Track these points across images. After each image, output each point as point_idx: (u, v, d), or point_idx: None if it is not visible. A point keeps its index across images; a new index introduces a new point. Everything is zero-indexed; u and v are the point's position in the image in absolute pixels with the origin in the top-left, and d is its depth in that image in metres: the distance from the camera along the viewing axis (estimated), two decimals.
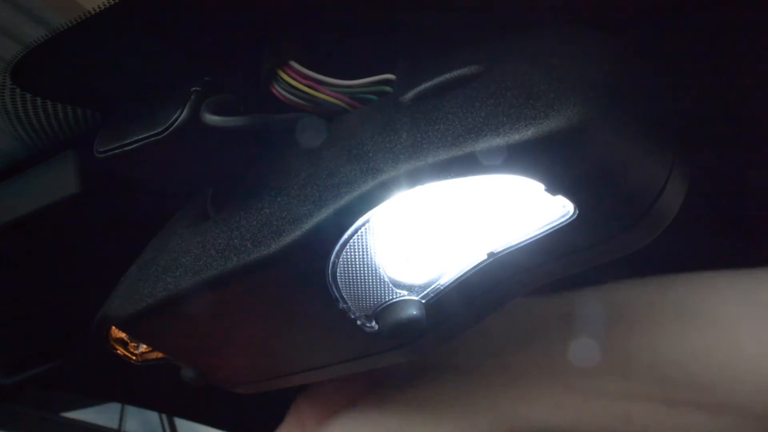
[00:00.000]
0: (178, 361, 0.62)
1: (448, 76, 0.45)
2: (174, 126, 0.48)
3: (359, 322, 0.50)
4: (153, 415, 1.54)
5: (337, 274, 0.47)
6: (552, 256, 0.47)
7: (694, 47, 0.50)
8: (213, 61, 0.52)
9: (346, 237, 0.45)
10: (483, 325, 0.52)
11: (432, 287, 0.49)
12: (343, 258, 0.46)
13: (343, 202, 0.44)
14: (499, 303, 0.51)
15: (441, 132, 0.42)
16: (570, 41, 0.45)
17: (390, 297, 0.49)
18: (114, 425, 1.43)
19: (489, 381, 0.63)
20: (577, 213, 0.42)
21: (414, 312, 0.48)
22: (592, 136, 0.39)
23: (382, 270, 0.48)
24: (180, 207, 0.59)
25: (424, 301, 0.49)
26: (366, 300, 0.49)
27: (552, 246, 0.45)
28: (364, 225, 0.45)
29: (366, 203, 0.44)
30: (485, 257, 0.47)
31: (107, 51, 0.52)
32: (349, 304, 0.49)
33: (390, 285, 0.48)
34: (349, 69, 0.50)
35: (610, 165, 0.40)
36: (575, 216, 0.42)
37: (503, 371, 0.62)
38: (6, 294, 0.73)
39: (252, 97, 0.51)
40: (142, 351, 0.64)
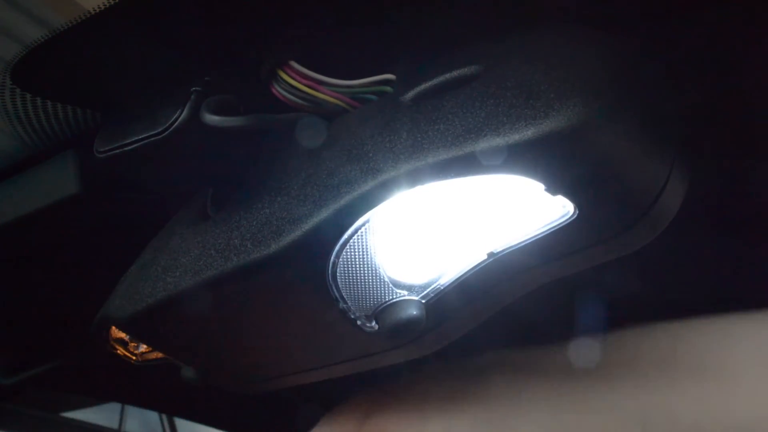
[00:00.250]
0: (178, 361, 0.62)
1: (448, 76, 0.45)
2: (174, 126, 0.48)
3: (359, 322, 0.50)
4: (153, 415, 1.54)
5: (337, 274, 0.47)
6: (552, 256, 0.47)
7: (694, 47, 0.50)
8: (213, 61, 0.52)
9: (346, 237, 0.45)
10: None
11: (432, 287, 0.49)
12: (343, 258, 0.46)
13: (343, 202, 0.44)
14: (499, 303, 0.51)
15: (441, 132, 0.42)
16: (570, 41, 0.45)
17: (390, 297, 0.49)
18: (114, 425, 1.43)
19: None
20: (577, 213, 0.42)
21: (414, 312, 0.48)
22: (592, 136, 0.39)
23: (382, 270, 0.48)
24: (180, 207, 0.59)
25: (424, 301, 0.49)
26: (366, 300, 0.49)
27: (552, 246, 0.45)
28: (364, 225, 0.45)
29: (366, 203, 0.44)
30: (485, 257, 0.47)
31: (107, 51, 0.52)
32: (349, 304, 0.49)
33: (390, 285, 0.48)
34: (349, 69, 0.50)
35: (610, 165, 0.40)
36: (575, 216, 0.42)
37: None
38: (6, 294, 0.73)
39: (252, 97, 0.51)
40: (142, 351, 0.64)
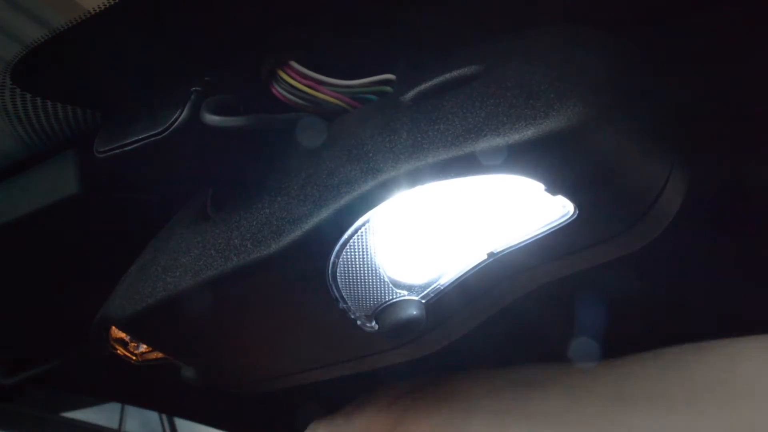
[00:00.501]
0: (178, 361, 0.62)
1: (448, 76, 0.45)
2: (174, 126, 0.48)
3: (359, 322, 0.50)
4: (153, 415, 1.54)
5: (337, 274, 0.47)
6: (552, 256, 0.47)
7: (694, 47, 0.50)
8: (213, 61, 0.52)
9: (346, 237, 0.45)
10: None
11: (432, 287, 0.49)
12: (343, 258, 0.46)
13: (343, 202, 0.44)
14: (499, 303, 0.51)
15: (441, 132, 0.42)
16: (570, 41, 0.45)
17: (390, 297, 0.49)
18: (114, 425, 1.43)
19: None
20: (577, 213, 0.42)
21: (414, 312, 0.48)
22: (592, 136, 0.39)
23: (382, 270, 0.48)
24: (180, 207, 0.59)
25: (424, 301, 0.49)
26: (366, 300, 0.49)
27: (552, 246, 0.45)
28: (364, 225, 0.45)
29: (366, 203, 0.44)
30: (485, 257, 0.47)
31: (107, 51, 0.52)
32: (349, 304, 0.49)
33: (390, 285, 0.48)
34: (349, 69, 0.50)
35: (610, 165, 0.40)
36: (575, 216, 0.42)
37: None
38: (6, 294, 0.73)
39: (252, 97, 0.51)
40: (142, 351, 0.64)
